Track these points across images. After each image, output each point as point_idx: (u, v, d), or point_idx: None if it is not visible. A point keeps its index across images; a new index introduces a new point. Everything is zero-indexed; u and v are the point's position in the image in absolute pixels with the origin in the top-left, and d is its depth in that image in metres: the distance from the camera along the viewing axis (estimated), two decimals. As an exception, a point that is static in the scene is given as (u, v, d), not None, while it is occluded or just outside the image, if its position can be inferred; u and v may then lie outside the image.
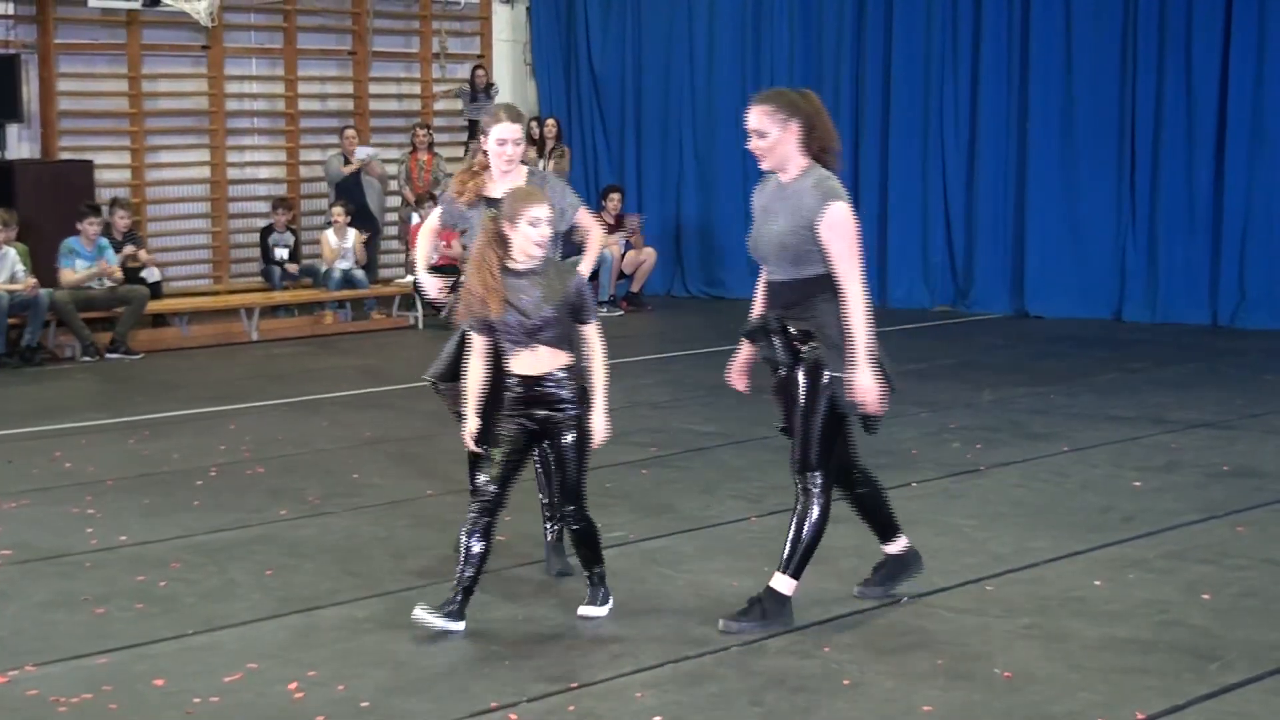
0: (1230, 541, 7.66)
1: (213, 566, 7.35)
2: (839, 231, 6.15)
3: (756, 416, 10.91)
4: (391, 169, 18.40)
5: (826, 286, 6.22)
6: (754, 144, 6.26)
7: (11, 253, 14.33)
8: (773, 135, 6.21)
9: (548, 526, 7.14)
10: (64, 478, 9.43)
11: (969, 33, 17.29)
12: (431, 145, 18.18)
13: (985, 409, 11.44)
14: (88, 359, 14.47)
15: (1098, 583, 6.93)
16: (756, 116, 6.23)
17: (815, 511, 6.29)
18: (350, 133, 17.69)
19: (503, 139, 7.04)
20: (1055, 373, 13.12)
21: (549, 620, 6.48)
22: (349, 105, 18.98)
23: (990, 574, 7.09)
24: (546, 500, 7.05)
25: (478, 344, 6.42)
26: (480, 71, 19.07)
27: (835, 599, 6.70)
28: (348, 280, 16.77)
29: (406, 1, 19.39)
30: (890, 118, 17.85)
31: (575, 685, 5.68)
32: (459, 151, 18.75)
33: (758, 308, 6.43)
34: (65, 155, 16.45)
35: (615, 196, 18.10)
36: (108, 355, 14.58)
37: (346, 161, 17.39)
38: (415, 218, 16.83)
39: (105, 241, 15.04)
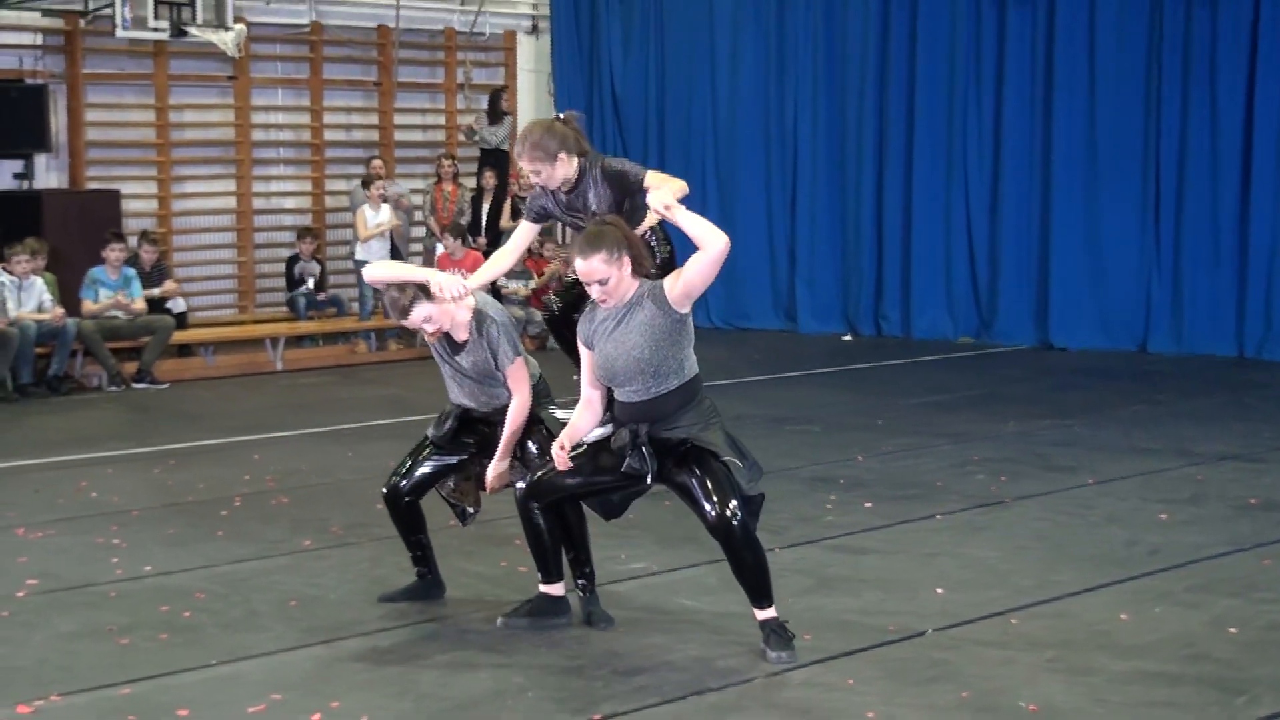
0: (1257, 575, 7.62)
1: (236, 597, 7.35)
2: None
3: (779, 449, 10.93)
4: (416, 199, 18.45)
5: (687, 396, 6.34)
6: (598, 292, 6.31)
7: (39, 282, 14.39)
8: (613, 278, 6.29)
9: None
10: (89, 507, 9.45)
11: (992, 64, 17.28)
12: (456, 176, 18.23)
13: (1009, 440, 11.41)
14: (114, 388, 14.52)
15: (1123, 616, 6.90)
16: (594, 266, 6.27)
17: (754, 547, 6.30)
18: (376, 163, 17.75)
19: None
20: (1080, 404, 13.08)
21: (572, 652, 6.47)
22: (374, 135, 19.07)
23: (1015, 607, 7.06)
24: (572, 555, 6.98)
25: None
26: (505, 95, 19.12)
27: (858, 631, 6.68)
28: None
29: (431, 32, 19.48)
30: (914, 148, 17.84)
31: (599, 717, 5.67)
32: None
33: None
34: (93, 185, 16.55)
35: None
36: (134, 385, 14.63)
37: (367, 184, 17.27)
38: (440, 248, 16.86)
39: (132, 271, 15.10)
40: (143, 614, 7.07)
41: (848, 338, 18.09)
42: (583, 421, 6.56)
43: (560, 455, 6.48)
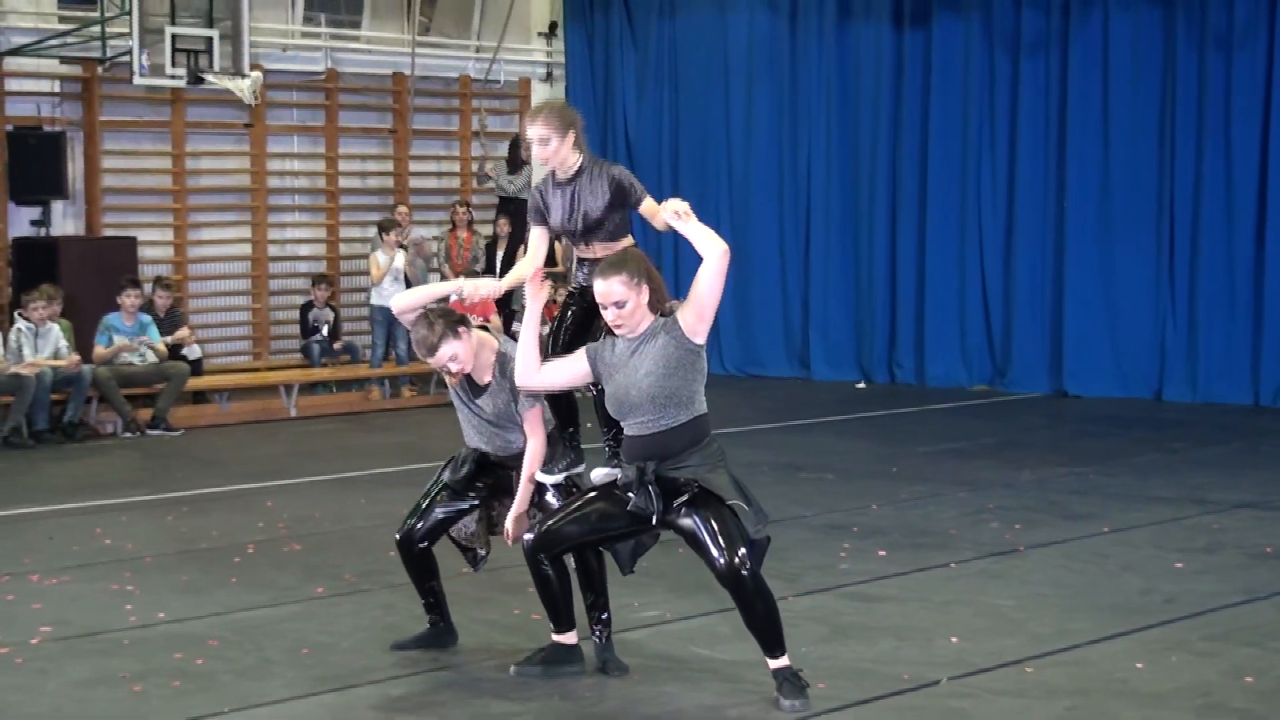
0: (1274, 624, 7.59)
1: (249, 644, 7.34)
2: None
3: (793, 496, 10.91)
4: (431, 246, 18.49)
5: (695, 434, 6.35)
6: (613, 316, 6.34)
7: (55, 329, 14.43)
8: (631, 302, 6.31)
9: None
10: (104, 554, 9.46)
11: (1006, 111, 17.31)
12: (471, 223, 18.27)
13: (1024, 489, 11.38)
14: (129, 435, 14.54)
15: (1140, 665, 6.87)
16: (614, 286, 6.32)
17: (764, 595, 6.26)
18: (403, 209, 17.78)
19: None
20: (1095, 453, 13.05)
21: (586, 700, 6.45)
22: (389, 183, 19.14)
23: (1031, 655, 7.03)
24: (590, 600, 6.96)
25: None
26: (524, 144, 19.15)
27: (873, 680, 6.65)
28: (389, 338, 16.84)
29: (447, 80, 19.57)
30: (927, 195, 17.85)
31: (612, 766, 5.65)
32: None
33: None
34: (109, 232, 16.61)
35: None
36: (148, 431, 14.65)
37: (385, 229, 17.28)
38: (454, 297, 16.84)
39: (148, 318, 15.13)
40: (156, 661, 7.06)
41: (861, 385, 18.07)
42: (527, 339, 6.57)
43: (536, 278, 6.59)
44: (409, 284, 17.16)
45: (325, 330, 17.21)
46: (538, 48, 20.52)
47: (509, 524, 6.92)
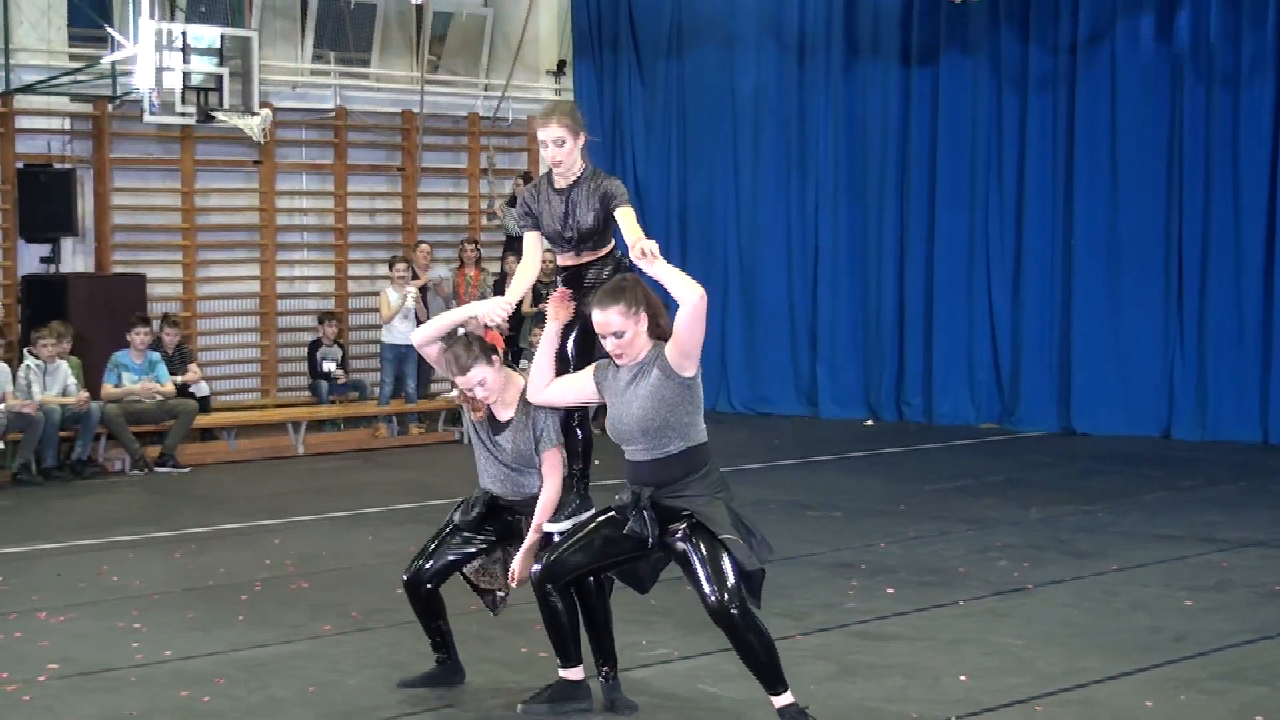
0: (1283, 663, 7.56)
1: (256, 682, 7.33)
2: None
3: (801, 534, 10.90)
4: (448, 286, 18.46)
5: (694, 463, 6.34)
6: (612, 345, 6.36)
7: (64, 366, 14.45)
8: (629, 332, 6.34)
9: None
10: (110, 591, 9.45)
11: (1014, 149, 17.34)
12: (479, 260, 18.30)
13: (1032, 527, 11.35)
14: (136, 472, 14.55)
15: (1149, 704, 6.84)
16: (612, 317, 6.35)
17: (758, 631, 6.21)
18: (425, 247, 17.79)
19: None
20: (1103, 491, 13.02)
21: (592, 739, 6.44)
22: (398, 220, 19.18)
23: (1039, 694, 7.01)
24: (595, 640, 6.93)
25: None
26: (521, 182, 19.21)
27: (883, 718, 6.63)
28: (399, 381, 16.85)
29: (455, 118, 19.63)
30: (935, 233, 17.86)
31: (619, 806, 5.63)
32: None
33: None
34: (118, 269, 16.64)
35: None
36: (156, 469, 14.65)
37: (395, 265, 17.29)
38: (461, 331, 16.86)
39: (157, 356, 15.16)
40: (162, 699, 7.05)
41: (869, 423, 18.05)
42: (542, 354, 6.70)
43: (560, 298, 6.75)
44: (419, 322, 17.18)
45: (333, 368, 17.22)
46: (546, 86, 20.58)
47: (515, 564, 6.90)
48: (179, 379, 15.37)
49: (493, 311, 6.82)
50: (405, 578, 7.13)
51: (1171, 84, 16.34)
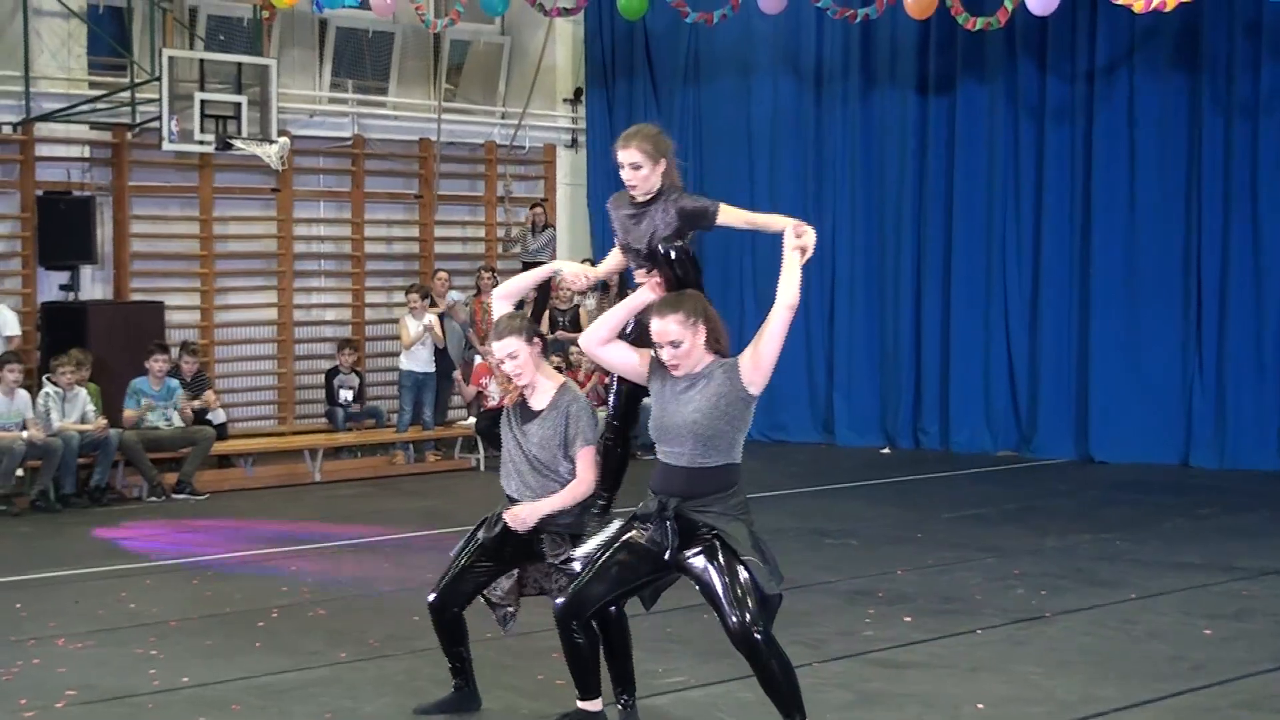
0: (1303, 692, 7.53)
1: (273, 709, 7.33)
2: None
3: (818, 562, 10.88)
4: (464, 311, 18.50)
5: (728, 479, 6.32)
6: (668, 355, 6.34)
7: (83, 393, 14.49)
8: (686, 343, 6.32)
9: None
10: (128, 618, 9.46)
11: (1031, 178, 17.33)
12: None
13: (1050, 555, 11.33)
14: (154, 499, 14.57)
15: (1168, 734, 6.82)
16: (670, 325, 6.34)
17: (780, 657, 6.18)
18: (443, 274, 17.83)
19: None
20: (1121, 519, 12.99)
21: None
22: (415, 248, 19.23)
23: (1058, 724, 6.99)
24: (615, 668, 6.91)
25: None
26: (538, 210, 19.24)
27: (900, 748, 6.61)
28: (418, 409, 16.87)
29: (472, 146, 19.69)
30: (952, 261, 17.85)
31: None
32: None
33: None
34: (137, 297, 16.69)
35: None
36: (174, 495, 14.68)
37: (433, 303, 17.30)
38: (479, 359, 16.93)
39: (175, 383, 15.19)
40: (179, 726, 7.06)
41: (886, 451, 18.03)
42: (617, 312, 6.65)
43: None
44: (437, 349, 17.22)
45: (350, 395, 17.24)
46: (563, 114, 20.64)
47: (519, 510, 6.82)
48: (195, 404, 15.40)
49: (576, 275, 6.83)
50: (431, 598, 7.07)
51: (1190, 114, 16.33)
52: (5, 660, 8.31)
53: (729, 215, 6.99)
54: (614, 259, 7.14)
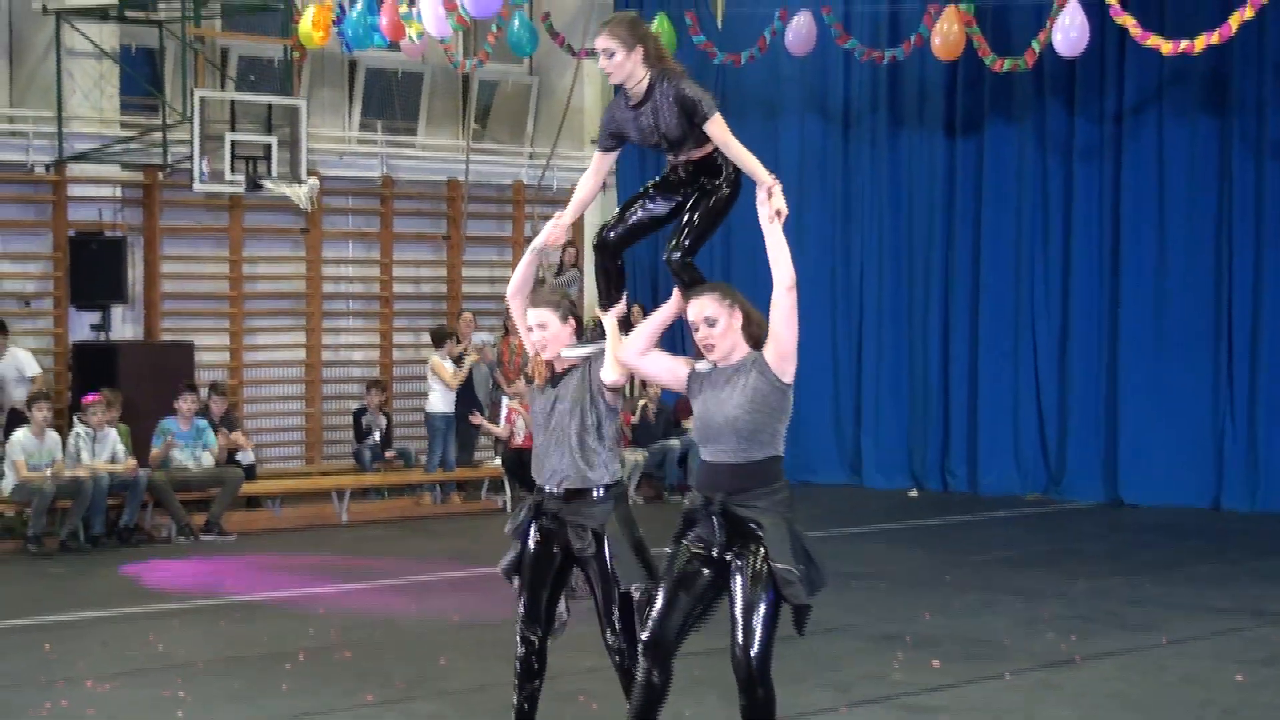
0: (1336, 740, 7.47)
1: (300, 752, 7.32)
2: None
3: (845, 605, 10.83)
4: (492, 352, 18.52)
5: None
6: (703, 334, 6.33)
7: (113, 433, 14.54)
8: (722, 322, 6.34)
9: None
10: (156, 660, 9.47)
11: (1059, 219, 17.31)
12: (525, 328, 18.29)
13: (1080, 599, 11.27)
14: (183, 540, 14.59)
15: (1199, 781, 6.77)
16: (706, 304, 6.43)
17: (767, 688, 6.08)
18: (468, 315, 17.89)
19: None
20: (1151, 562, 12.92)
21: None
22: (443, 289, 19.28)
23: (1088, 771, 6.94)
24: None
25: None
26: (570, 250, 19.27)
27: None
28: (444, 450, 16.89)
29: (500, 186, 19.75)
30: (980, 302, 17.82)
31: None
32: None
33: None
34: (167, 337, 16.77)
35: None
36: (202, 536, 14.68)
37: (457, 361, 17.28)
38: (506, 401, 16.94)
39: (204, 423, 15.23)
40: (206, 769, 7.05)
41: (914, 493, 17.96)
42: (652, 322, 6.72)
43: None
44: (461, 390, 17.20)
45: (377, 436, 17.26)
46: (590, 155, 20.66)
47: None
48: (222, 443, 15.42)
49: (552, 233, 6.95)
50: (530, 639, 6.72)
51: (1220, 154, 16.30)
52: (34, 701, 8.33)
53: (720, 128, 6.82)
54: (581, 193, 7.31)
